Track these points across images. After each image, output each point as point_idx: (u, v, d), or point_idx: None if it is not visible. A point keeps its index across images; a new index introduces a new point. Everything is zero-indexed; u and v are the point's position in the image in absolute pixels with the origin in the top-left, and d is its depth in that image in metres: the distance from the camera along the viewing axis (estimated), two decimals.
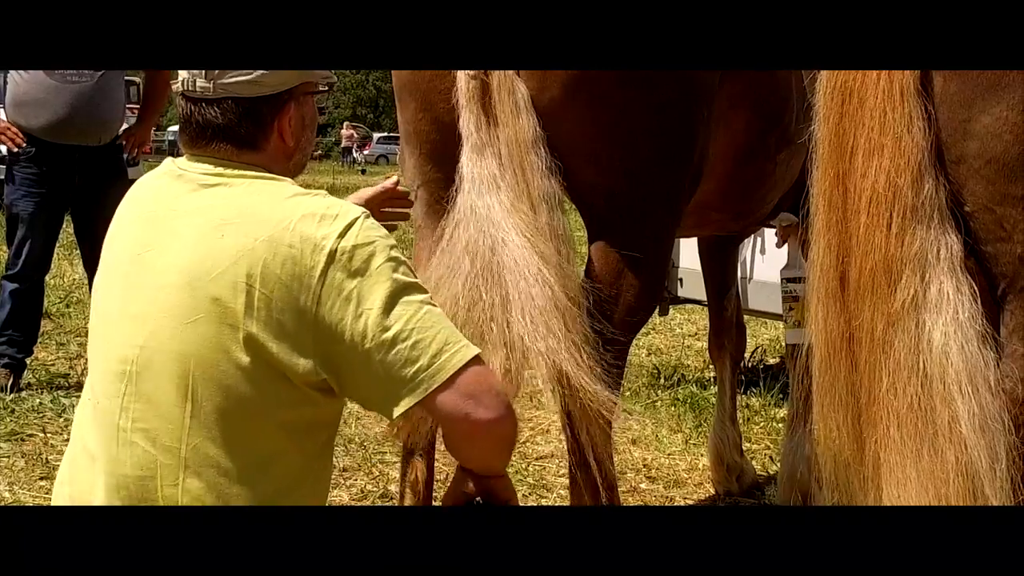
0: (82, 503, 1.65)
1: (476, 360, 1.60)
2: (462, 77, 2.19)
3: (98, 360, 1.68)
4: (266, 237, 1.57)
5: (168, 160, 1.75)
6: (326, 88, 1.85)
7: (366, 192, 2.12)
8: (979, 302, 1.70)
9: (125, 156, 4.78)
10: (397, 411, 1.59)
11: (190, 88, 1.67)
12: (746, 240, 4.31)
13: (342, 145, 36.52)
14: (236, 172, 1.67)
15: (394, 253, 1.61)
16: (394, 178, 2.16)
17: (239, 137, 1.67)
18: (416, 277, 1.64)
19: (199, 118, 1.68)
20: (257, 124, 1.68)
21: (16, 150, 4.47)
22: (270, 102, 1.68)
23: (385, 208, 2.13)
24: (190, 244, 1.61)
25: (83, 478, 1.67)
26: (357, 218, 1.61)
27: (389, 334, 1.56)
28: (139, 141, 4.79)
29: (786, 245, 3.23)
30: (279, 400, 1.59)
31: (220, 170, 1.67)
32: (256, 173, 1.67)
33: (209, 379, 1.56)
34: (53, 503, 1.74)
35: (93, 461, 1.64)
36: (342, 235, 1.57)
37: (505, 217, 2.15)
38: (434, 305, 1.63)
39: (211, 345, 1.56)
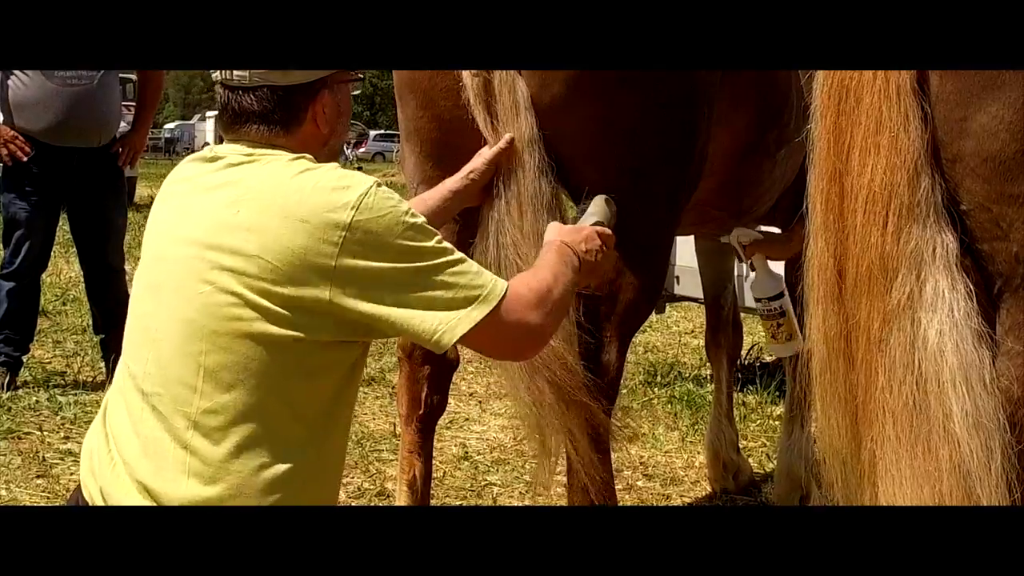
0: (105, 470, 1.68)
1: (491, 314, 1.65)
2: (467, 75, 2.19)
3: (130, 331, 1.76)
4: (278, 212, 1.61)
5: (208, 145, 1.79)
6: (361, 77, 1.89)
7: (487, 152, 2.23)
8: (975, 300, 1.70)
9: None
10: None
11: (228, 77, 1.71)
12: None
13: None
14: (263, 151, 1.70)
15: (407, 219, 1.64)
16: (508, 136, 2.22)
17: (273, 122, 1.72)
18: (431, 239, 1.66)
19: (235, 105, 1.72)
20: (291, 111, 1.72)
21: (24, 159, 4.46)
22: (304, 90, 1.72)
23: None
24: (207, 219, 1.66)
25: (98, 440, 1.73)
26: (369, 188, 1.63)
27: (403, 299, 1.61)
28: (134, 149, 4.76)
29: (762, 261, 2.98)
30: (286, 371, 1.62)
31: (250, 150, 1.71)
32: (282, 153, 1.70)
33: (219, 348, 1.61)
34: (81, 460, 1.78)
35: (116, 425, 1.70)
36: (355, 207, 1.61)
37: (499, 223, 2.17)
38: (451, 263, 1.65)
39: (221, 315, 1.61)
